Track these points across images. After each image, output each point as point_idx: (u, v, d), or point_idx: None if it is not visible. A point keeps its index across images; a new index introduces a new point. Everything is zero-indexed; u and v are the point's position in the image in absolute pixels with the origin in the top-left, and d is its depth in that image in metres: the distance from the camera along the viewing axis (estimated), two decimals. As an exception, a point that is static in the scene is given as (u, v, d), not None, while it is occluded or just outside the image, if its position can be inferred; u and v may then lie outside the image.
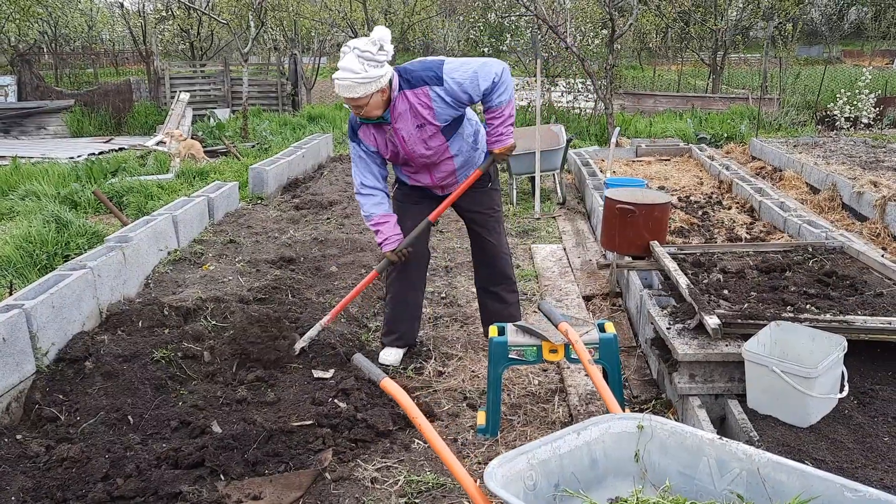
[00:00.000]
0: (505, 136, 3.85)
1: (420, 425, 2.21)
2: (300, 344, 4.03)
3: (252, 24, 13.11)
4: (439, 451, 2.14)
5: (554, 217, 7.46)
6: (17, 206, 7.68)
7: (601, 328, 3.32)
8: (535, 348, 3.29)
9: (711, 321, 3.07)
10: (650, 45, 24.07)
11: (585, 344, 3.24)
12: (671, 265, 4.07)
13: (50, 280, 3.94)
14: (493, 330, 3.41)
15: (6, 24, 19.84)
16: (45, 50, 25.07)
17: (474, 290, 5.36)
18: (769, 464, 1.97)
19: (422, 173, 3.93)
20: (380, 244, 3.99)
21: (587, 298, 5.13)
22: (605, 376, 3.44)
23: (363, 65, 3.43)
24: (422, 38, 21.59)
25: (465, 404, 3.71)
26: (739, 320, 3.13)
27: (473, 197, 4.06)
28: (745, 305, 3.40)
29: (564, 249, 6.25)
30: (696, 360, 3.08)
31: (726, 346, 3.10)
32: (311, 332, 4.07)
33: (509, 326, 3.41)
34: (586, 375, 3.90)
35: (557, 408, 3.62)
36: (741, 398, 3.02)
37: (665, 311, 3.56)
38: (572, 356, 3.26)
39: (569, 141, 7.56)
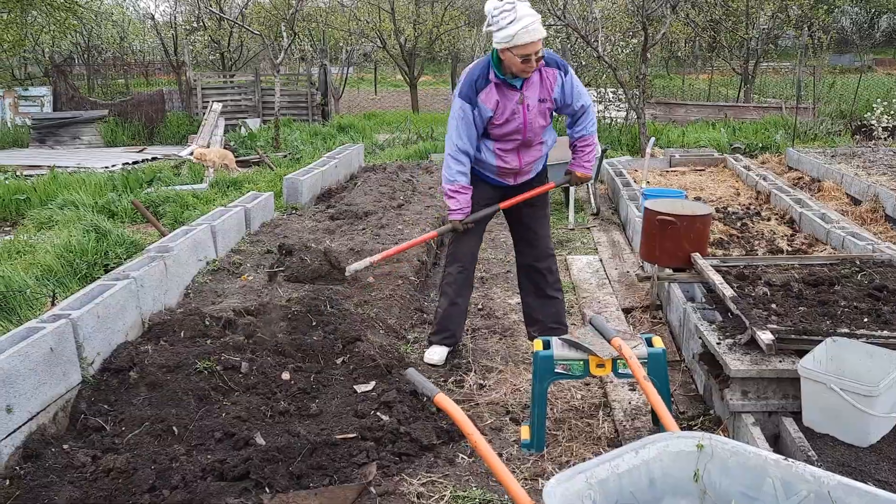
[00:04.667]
0: (589, 165, 4.29)
1: (476, 442, 2.18)
2: (351, 270, 4.57)
3: (285, 34, 13.22)
4: (495, 469, 2.11)
5: (588, 228, 7.40)
6: (55, 215, 7.79)
7: (649, 342, 3.27)
8: (581, 363, 3.24)
9: (765, 337, 3.01)
10: (678, 53, 23.91)
11: (633, 359, 3.20)
12: (716, 278, 4.01)
13: (94, 290, 3.97)
14: (537, 343, 3.37)
15: (41, 36, 20.23)
16: (76, 61, 25.47)
17: (511, 301, 5.37)
18: (839, 486, 1.91)
19: (513, 154, 4.00)
20: (450, 210, 4.08)
21: (626, 311, 5.07)
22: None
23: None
24: (448, 48, 21.63)
25: (507, 418, 3.68)
26: (793, 336, 3.07)
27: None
28: (797, 320, 3.33)
29: (601, 261, 6.19)
30: (749, 376, 3.01)
31: (780, 362, 3.03)
32: (362, 263, 4.51)
33: (555, 340, 3.37)
34: (631, 390, 3.85)
35: (602, 423, 3.57)
36: (796, 416, 2.95)
37: (713, 326, 3.50)
38: (620, 371, 3.21)
39: (604, 151, 7.51)
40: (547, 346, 3.34)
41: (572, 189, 7.50)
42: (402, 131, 13.65)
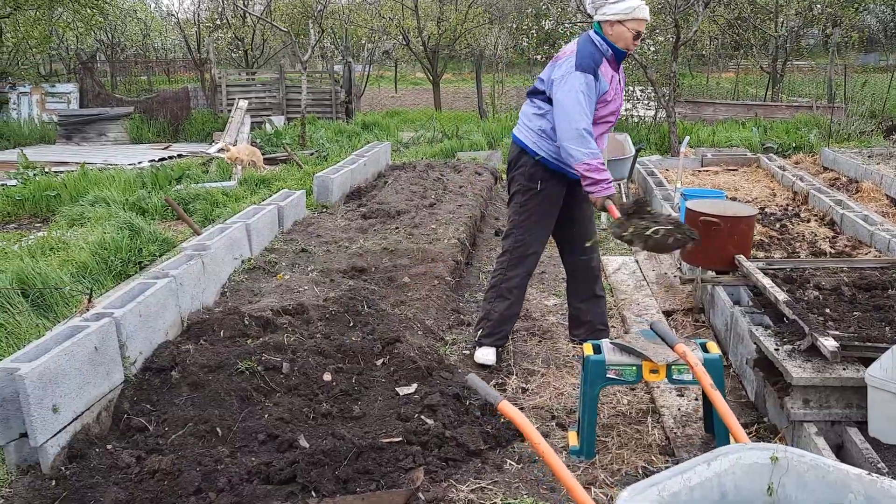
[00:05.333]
0: None
1: (543, 452, 2.11)
2: None
3: (312, 31, 13.19)
4: (566, 481, 2.04)
5: (621, 228, 7.29)
6: (87, 211, 7.80)
7: (703, 348, 3.19)
8: (634, 368, 3.16)
9: (828, 344, 2.92)
10: (703, 51, 23.67)
11: (686, 365, 3.12)
12: (766, 281, 3.92)
13: (135, 289, 3.93)
14: (587, 347, 3.30)
15: (66, 33, 20.37)
16: (97, 58, 25.65)
17: (547, 303, 5.30)
18: (932, 505, 1.83)
19: (601, 139, 3.95)
20: (603, 187, 3.73)
21: (667, 314, 4.98)
22: (708, 400, 3.31)
23: None
24: (472, 46, 21.54)
25: (553, 423, 3.61)
26: (857, 343, 2.97)
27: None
28: (854, 326, 3.23)
29: (636, 262, 6.10)
30: (812, 384, 2.92)
31: (843, 370, 2.94)
32: None
33: (606, 344, 3.29)
34: (679, 395, 3.76)
35: (652, 430, 3.49)
36: (860, 426, 2.86)
37: (769, 332, 3.41)
38: (674, 377, 3.13)
39: (638, 150, 7.40)
40: (598, 350, 3.26)
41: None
42: (426, 129, 13.58)
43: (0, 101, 17.02)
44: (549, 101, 3.83)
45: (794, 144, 11.16)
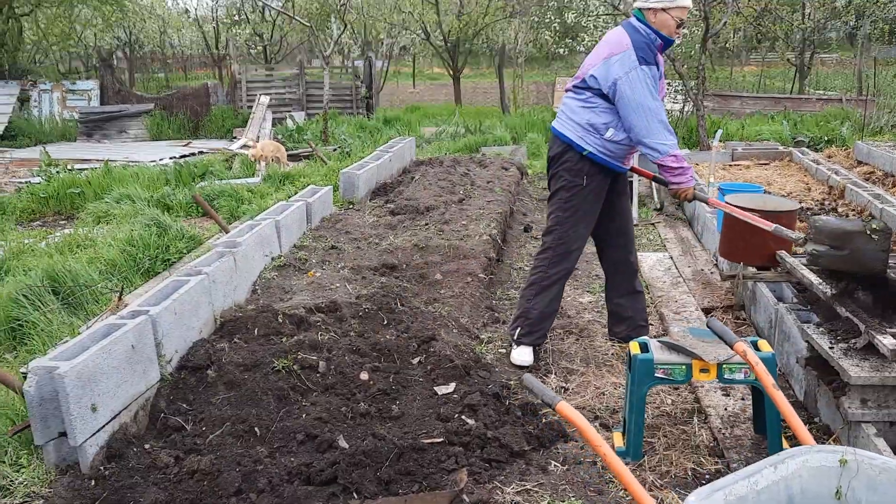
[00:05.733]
0: None
1: (605, 454, 2.03)
2: None
3: (335, 26, 13.13)
4: (630, 486, 1.96)
5: (653, 224, 7.19)
6: (112, 208, 7.78)
7: (754, 346, 3.09)
8: (683, 367, 3.07)
9: (887, 342, 2.81)
10: (726, 44, 23.38)
11: (739, 364, 3.03)
12: (813, 278, 3.80)
13: (168, 286, 3.89)
14: (633, 346, 3.21)
15: (84, 31, 20.46)
16: (115, 55, 25.77)
17: (582, 300, 5.21)
18: None
19: None
20: (684, 179, 3.76)
21: (706, 311, 4.87)
22: (758, 399, 3.22)
23: None
24: (493, 40, 21.42)
25: (597, 424, 3.52)
26: (918, 341, 2.86)
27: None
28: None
29: (671, 258, 5.99)
30: (871, 383, 2.82)
31: (904, 369, 2.84)
32: None
33: (653, 342, 3.20)
34: (724, 395, 3.66)
35: (699, 430, 3.40)
36: (923, 427, 2.76)
37: (821, 329, 3.30)
38: (726, 377, 3.04)
39: (669, 144, 7.26)
40: (645, 348, 3.17)
41: (636, 182, 7.28)
42: (448, 124, 13.49)
43: (21, 99, 17.09)
44: (602, 96, 3.75)
45: (825, 138, 10.96)
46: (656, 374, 3.10)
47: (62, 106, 17.78)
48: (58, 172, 9.96)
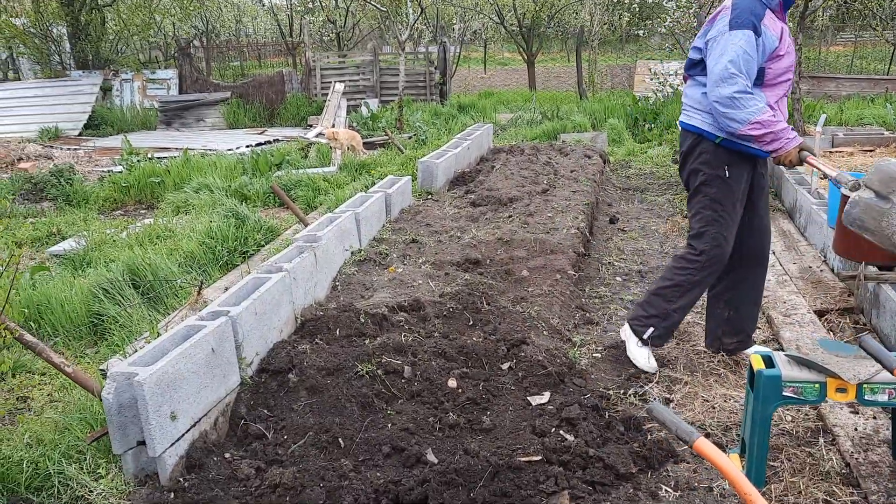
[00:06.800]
0: None
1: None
2: None
3: (411, 10, 12.90)
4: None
5: (748, 215, 6.71)
6: (191, 198, 7.76)
7: (899, 364, 2.71)
8: (817, 385, 2.72)
9: None
10: (813, 23, 22.22)
11: (882, 384, 2.67)
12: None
13: (249, 284, 3.73)
14: (757, 360, 2.86)
15: (163, 20, 20.82)
16: (192, 45, 26.19)
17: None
18: None
19: (782, 101, 3.46)
20: (784, 139, 3.26)
21: (819, 314, 4.45)
22: (902, 423, 2.85)
23: None
24: (566, 23, 20.86)
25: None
26: None
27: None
28: None
29: (773, 253, 5.55)
30: None
31: None
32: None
33: (778, 356, 2.85)
34: (853, 413, 3.28)
35: (827, 454, 3.03)
36: None
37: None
38: (866, 398, 2.67)
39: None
40: (769, 362, 2.83)
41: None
42: (524, 110, 13.12)
43: (104, 88, 17.48)
44: None
45: (938, 122, 10.18)
46: (784, 393, 2.76)
47: (143, 95, 18.13)
48: (138, 161, 10.07)
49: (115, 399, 2.81)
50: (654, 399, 3.53)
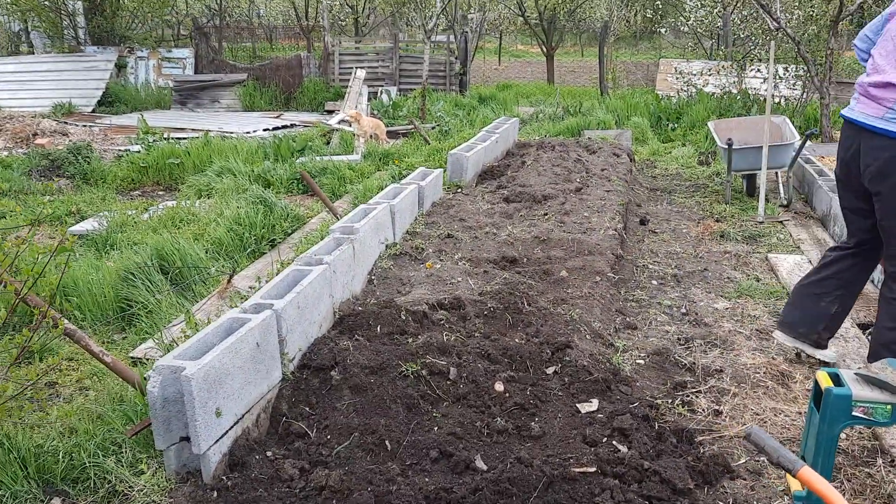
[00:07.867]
0: None
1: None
2: None
3: (438, -2, 12.74)
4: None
5: (780, 221, 6.61)
6: (213, 182, 7.66)
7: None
8: (889, 407, 2.62)
9: None
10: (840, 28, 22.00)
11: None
12: None
13: (289, 276, 3.63)
14: (824, 378, 2.76)
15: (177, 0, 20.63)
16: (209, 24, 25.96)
17: (716, 305, 4.75)
18: None
19: None
20: None
21: (863, 327, 4.36)
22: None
23: None
24: (587, 16, 20.66)
25: (764, 459, 3.10)
26: None
27: None
28: None
29: (810, 262, 5.45)
30: None
31: None
32: None
33: (846, 374, 2.75)
34: (912, 433, 3.19)
35: (887, 475, 2.95)
36: None
37: None
38: (941, 423, 2.58)
39: (808, 136, 6.66)
40: (837, 380, 2.73)
41: (763, 176, 6.72)
42: (546, 105, 12.98)
43: (118, 65, 17.33)
44: None
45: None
46: (854, 413, 2.66)
47: (157, 73, 17.98)
48: (155, 141, 9.96)
49: (160, 393, 2.71)
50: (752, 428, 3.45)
